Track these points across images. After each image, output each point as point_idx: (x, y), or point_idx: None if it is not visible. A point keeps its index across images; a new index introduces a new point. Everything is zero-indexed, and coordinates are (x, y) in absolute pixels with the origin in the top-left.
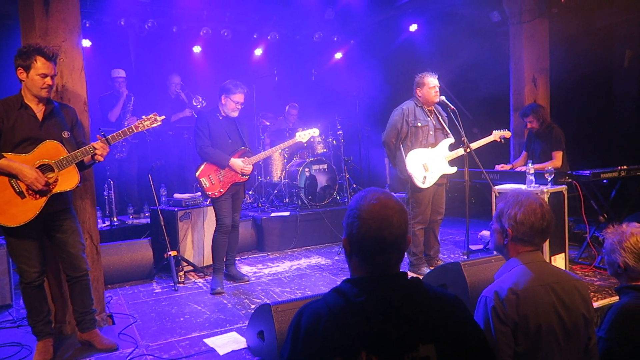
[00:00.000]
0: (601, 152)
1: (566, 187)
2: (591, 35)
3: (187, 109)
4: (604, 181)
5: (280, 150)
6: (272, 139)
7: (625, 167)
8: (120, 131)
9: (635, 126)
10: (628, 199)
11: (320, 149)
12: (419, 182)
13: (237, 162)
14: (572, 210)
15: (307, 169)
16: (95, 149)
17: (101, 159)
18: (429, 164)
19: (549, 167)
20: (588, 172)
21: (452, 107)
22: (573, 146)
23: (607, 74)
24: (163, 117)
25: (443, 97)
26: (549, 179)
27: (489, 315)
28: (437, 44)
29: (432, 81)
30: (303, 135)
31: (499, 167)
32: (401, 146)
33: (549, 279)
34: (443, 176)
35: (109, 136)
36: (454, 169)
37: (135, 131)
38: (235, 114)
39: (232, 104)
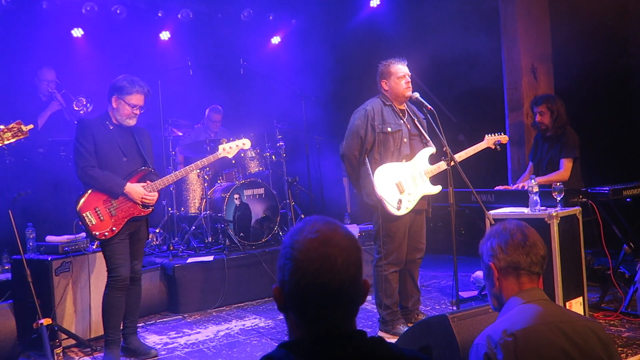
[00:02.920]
0: (621, 163)
1: (580, 209)
2: (605, 11)
3: (55, 102)
4: (627, 200)
5: (198, 171)
6: (186, 155)
7: None
8: None
9: None
10: None
11: (254, 168)
12: (392, 209)
13: (135, 189)
14: (589, 240)
15: (236, 196)
16: None
17: None
18: (405, 182)
19: (558, 184)
20: (607, 188)
21: (429, 106)
22: (586, 156)
23: (626, 63)
24: (30, 126)
25: (417, 94)
26: (558, 199)
27: None
28: (408, 24)
29: (400, 69)
30: (229, 149)
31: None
32: (366, 160)
33: (554, 318)
34: (424, 199)
35: None
36: (437, 188)
37: None
38: (132, 122)
39: (128, 108)
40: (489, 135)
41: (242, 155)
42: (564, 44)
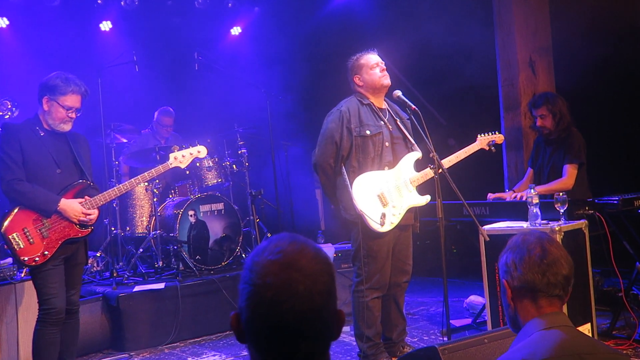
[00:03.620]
0: (632, 170)
1: (586, 222)
2: None
3: None
4: (639, 211)
5: (146, 183)
6: (132, 165)
7: None
8: None
9: None
10: None
11: (212, 179)
12: (374, 224)
13: (71, 205)
14: (597, 258)
15: (191, 212)
16: None
17: None
18: (389, 193)
19: (561, 194)
20: (616, 198)
21: (413, 106)
22: (592, 162)
23: (637, 55)
24: None
25: (399, 92)
26: (562, 211)
27: None
28: (389, 12)
29: (370, 58)
30: (182, 158)
31: (490, 197)
32: (343, 169)
33: (579, 349)
34: (410, 212)
35: None
36: (426, 199)
37: None
38: (67, 127)
39: (62, 111)
40: (482, 135)
41: (198, 164)
42: (566, 35)
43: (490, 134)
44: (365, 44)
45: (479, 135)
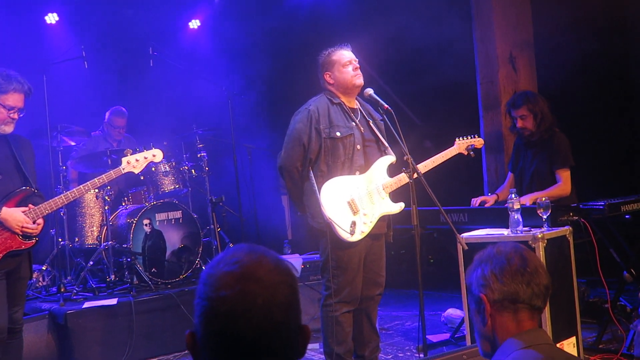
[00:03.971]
0: (619, 173)
1: (570, 229)
2: None
3: None
4: (626, 217)
5: (96, 190)
6: (81, 170)
7: None
8: None
9: None
10: None
11: (168, 185)
12: (344, 233)
13: (14, 215)
14: (583, 267)
15: (146, 222)
16: None
17: None
18: (360, 200)
19: (543, 199)
20: (602, 203)
21: (386, 105)
22: (576, 166)
23: (624, 51)
24: None
25: (371, 90)
26: (545, 217)
27: None
28: (360, 3)
29: (344, 55)
30: (135, 162)
31: (475, 202)
32: (311, 173)
33: None
34: (383, 220)
35: None
36: (399, 206)
37: None
38: (8, 129)
39: (3, 112)
40: (460, 138)
41: (153, 169)
42: (549, 28)
43: (469, 137)
44: (335, 37)
45: (457, 139)
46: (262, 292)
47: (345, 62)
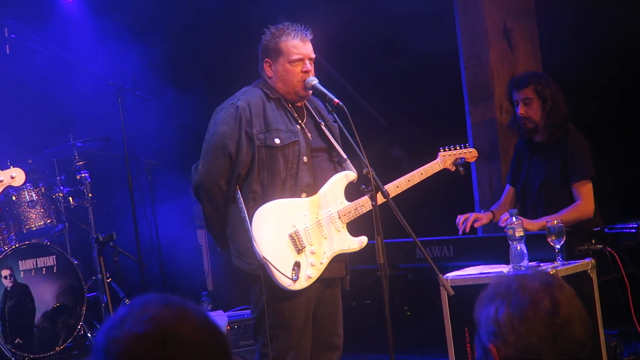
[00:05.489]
0: None
1: (593, 261)
2: None
3: None
4: None
5: None
6: None
7: None
8: None
9: None
10: None
11: (36, 221)
12: (284, 279)
13: None
14: (612, 313)
15: (5, 273)
16: None
17: None
18: (305, 233)
19: (556, 222)
20: (634, 225)
21: (336, 100)
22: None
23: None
24: None
25: (314, 81)
26: (557, 247)
27: None
28: None
29: (296, 46)
30: None
31: (462, 222)
32: (239, 194)
33: None
34: (339, 260)
35: None
36: (360, 241)
37: None
38: None
39: None
40: (445, 149)
41: (14, 198)
42: None
43: (457, 147)
44: (272, 10)
45: (440, 151)
46: (184, 356)
47: (294, 59)
